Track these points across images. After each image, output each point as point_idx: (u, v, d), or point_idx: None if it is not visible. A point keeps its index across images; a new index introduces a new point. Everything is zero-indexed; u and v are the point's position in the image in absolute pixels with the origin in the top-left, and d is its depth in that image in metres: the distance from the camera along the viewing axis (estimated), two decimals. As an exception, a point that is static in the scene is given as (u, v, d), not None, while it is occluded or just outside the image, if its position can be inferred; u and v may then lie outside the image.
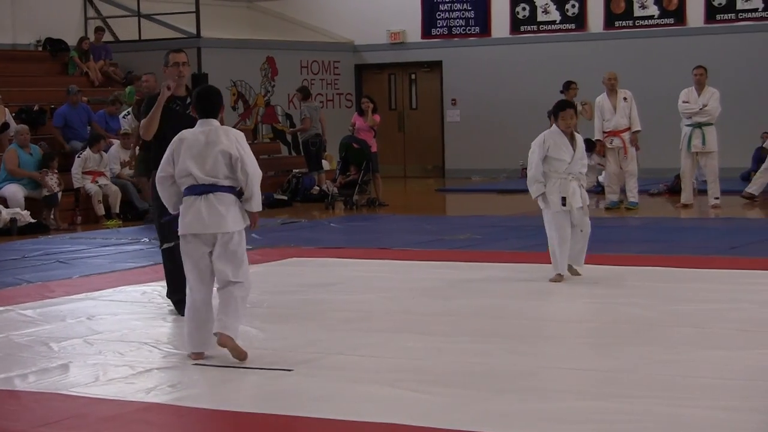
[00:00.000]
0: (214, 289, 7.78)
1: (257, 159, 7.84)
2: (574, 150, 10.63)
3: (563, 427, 5.98)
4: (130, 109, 20.50)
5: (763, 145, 21.58)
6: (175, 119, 9.20)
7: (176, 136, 7.87)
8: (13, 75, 21.21)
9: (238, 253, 7.69)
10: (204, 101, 7.87)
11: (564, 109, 10.76)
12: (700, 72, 17.77)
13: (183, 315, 8.35)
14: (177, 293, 9.27)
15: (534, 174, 10.72)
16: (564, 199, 10.54)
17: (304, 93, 22.28)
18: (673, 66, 23.22)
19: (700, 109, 17.58)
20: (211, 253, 7.66)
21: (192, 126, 8.84)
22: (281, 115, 25.70)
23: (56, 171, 17.60)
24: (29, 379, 7.39)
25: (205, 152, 7.65)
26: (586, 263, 10.87)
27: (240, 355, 7.58)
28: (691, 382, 6.85)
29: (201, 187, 7.65)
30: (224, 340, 7.53)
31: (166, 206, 7.97)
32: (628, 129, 17.91)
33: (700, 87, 17.71)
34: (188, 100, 9.32)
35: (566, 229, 10.60)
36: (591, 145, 17.62)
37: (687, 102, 17.71)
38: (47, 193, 17.25)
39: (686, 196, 18.14)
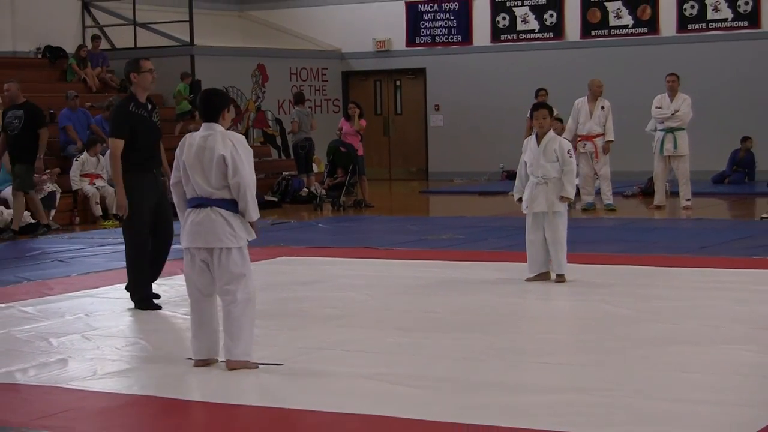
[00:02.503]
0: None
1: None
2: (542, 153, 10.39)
3: (542, 419, 5.98)
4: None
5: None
6: (142, 123, 9.63)
7: (182, 140, 7.38)
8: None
9: (235, 268, 7.18)
10: (204, 104, 7.36)
11: (537, 110, 10.59)
12: (673, 79, 17.81)
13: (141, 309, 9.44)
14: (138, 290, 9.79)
15: (516, 182, 10.73)
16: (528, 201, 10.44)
17: (297, 98, 22.28)
18: (646, 73, 23.25)
19: (673, 114, 17.63)
20: (208, 265, 7.23)
21: (155, 129, 9.65)
22: (271, 119, 25.68)
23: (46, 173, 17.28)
24: (29, 373, 7.39)
25: (204, 160, 7.14)
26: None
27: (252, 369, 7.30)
28: (664, 376, 6.87)
29: (199, 199, 7.20)
30: (232, 365, 7.19)
31: (179, 213, 7.49)
32: (601, 135, 17.96)
33: (672, 93, 17.75)
34: (149, 106, 9.75)
35: (530, 232, 10.50)
36: None
37: (660, 107, 17.77)
38: (41, 196, 17.04)
39: (659, 197, 18.19)
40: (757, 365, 7.14)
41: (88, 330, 8.81)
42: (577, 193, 18.88)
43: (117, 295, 10.47)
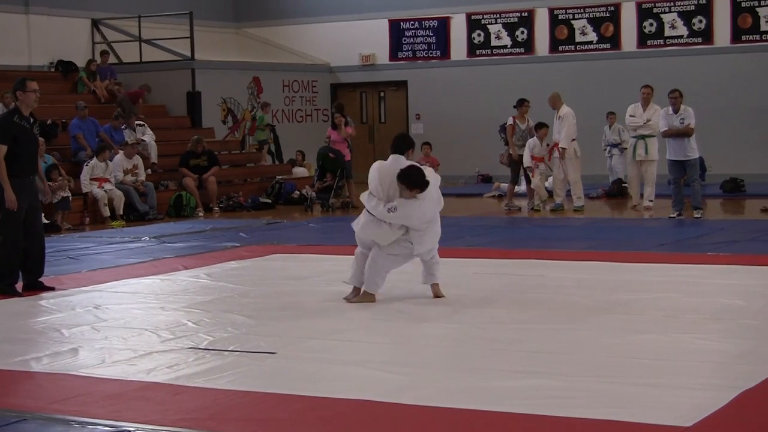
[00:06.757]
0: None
1: (244, 167, 7.88)
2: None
3: (513, 402, 5.98)
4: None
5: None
6: (23, 133, 10.21)
7: (374, 166, 9.52)
8: (28, 93, 21.08)
9: (419, 236, 9.49)
10: (396, 142, 9.50)
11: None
12: (648, 91, 17.67)
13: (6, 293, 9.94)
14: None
15: None
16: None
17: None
18: (609, 85, 23.35)
19: (645, 123, 17.60)
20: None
21: (34, 139, 10.38)
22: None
23: (60, 176, 17.30)
24: (43, 362, 7.38)
25: (389, 181, 9.22)
26: (532, 258, 10.75)
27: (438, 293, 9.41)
28: (625, 363, 6.87)
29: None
30: (435, 291, 9.47)
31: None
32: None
33: (646, 104, 17.66)
34: (31, 120, 10.36)
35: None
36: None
37: (633, 116, 17.72)
38: (54, 200, 16.99)
39: (636, 198, 18.25)
40: (710, 352, 7.15)
41: (97, 322, 8.79)
42: (551, 194, 18.94)
43: (124, 290, 10.45)
